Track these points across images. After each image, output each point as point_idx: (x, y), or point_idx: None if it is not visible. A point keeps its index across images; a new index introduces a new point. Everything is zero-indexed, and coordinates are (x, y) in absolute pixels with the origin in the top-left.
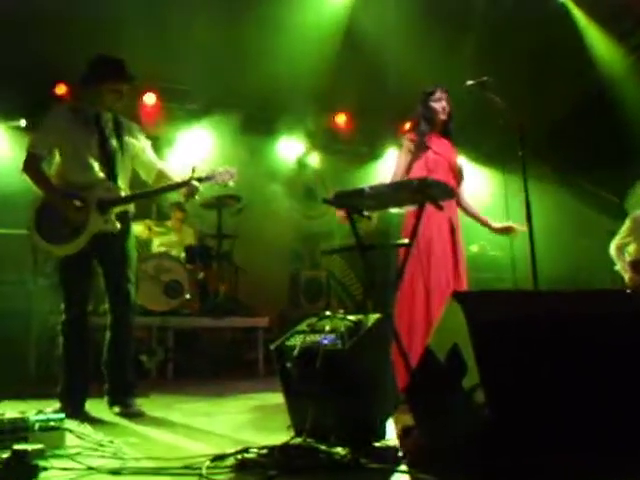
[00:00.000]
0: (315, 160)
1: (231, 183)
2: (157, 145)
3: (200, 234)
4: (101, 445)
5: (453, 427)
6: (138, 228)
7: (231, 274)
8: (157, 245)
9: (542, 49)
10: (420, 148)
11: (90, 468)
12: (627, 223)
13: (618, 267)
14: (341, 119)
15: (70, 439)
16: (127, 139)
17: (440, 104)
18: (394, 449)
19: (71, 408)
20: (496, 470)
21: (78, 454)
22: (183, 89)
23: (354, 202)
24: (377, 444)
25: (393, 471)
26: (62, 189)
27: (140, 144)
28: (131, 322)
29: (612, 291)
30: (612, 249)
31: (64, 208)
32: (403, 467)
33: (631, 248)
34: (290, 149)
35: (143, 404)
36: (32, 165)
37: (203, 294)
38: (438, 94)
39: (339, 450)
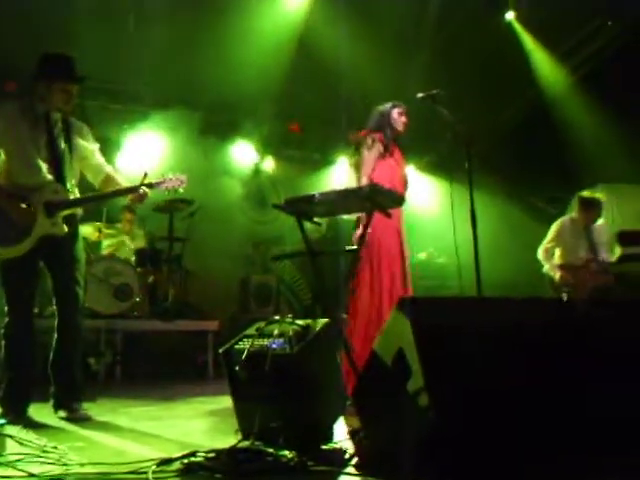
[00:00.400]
0: (269, 166)
1: (181, 190)
2: (110, 148)
3: (151, 237)
4: (44, 451)
5: (399, 429)
6: (88, 230)
7: (181, 278)
8: (106, 246)
9: (491, 67)
10: (386, 151)
11: (31, 475)
12: (553, 228)
13: (546, 268)
14: (294, 126)
15: (11, 445)
16: (76, 140)
17: (402, 118)
18: (341, 451)
19: (13, 413)
20: (441, 472)
21: (19, 461)
22: (137, 92)
23: (304, 208)
24: (324, 447)
25: (340, 473)
26: (8, 190)
27: (90, 146)
28: (79, 324)
29: (551, 299)
30: (539, 252)
31: (9, 209)
32: (350, 469)
33: (557, 252)
34: (243, 154)
35: (90, 408)
36: None
37: (153, 297)
38: (401, 109)
39: (286, 453)
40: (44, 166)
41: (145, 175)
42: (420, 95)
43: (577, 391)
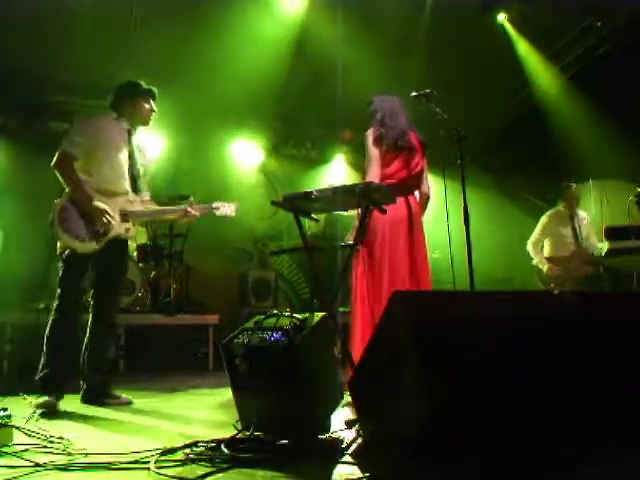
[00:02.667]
0: (268, 163)
1: (232, 215)
2: None
3: (152, 233)
4: (50, 441)
5: (394, 421)
6: None
7: (182, 273)
8: None
9: (484, 67)
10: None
11: (37, 465)
12: (541, 220)
13: (535, 261)
14: (293, 125)
15: (19, 436)
16: (143, 158)
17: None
18: (338, 441)
19: (55, 394)
20: (435, 464)
21: (26, 451)
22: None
23: (302, 204)
24: (322, 437)
25: (337, 463)
26: (90, 192)
27: (146, 167)
28: (115, 323)
29: (542, 292)
30: (529, 245)
31: (92, 211)
32: (346, 459)
33: (546, 244)
34: (243, 152)
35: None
36: (64, 163)
37: (155, 292)
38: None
39: (285, 443)
40: (125, 175)
41: (190, 199)
42: (414, 94)
43: (570, 383)
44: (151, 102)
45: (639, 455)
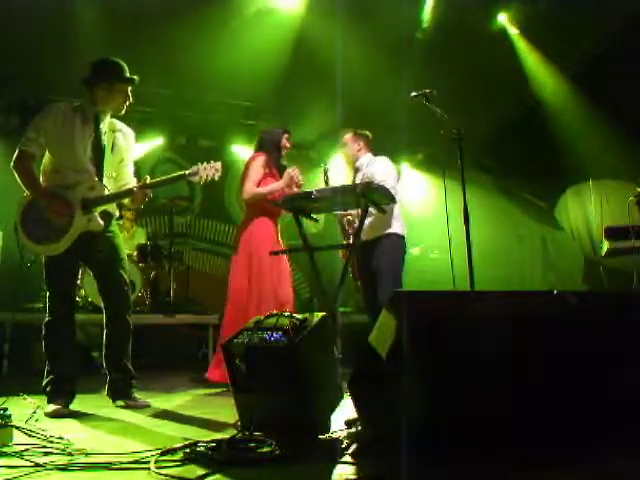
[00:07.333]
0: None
1: (216, 178)
2: None
3: (152, 233)
4: (50, 442)
5: (394, 420)
6: None
7: (182, 273)
8: None
9: (483, 68)
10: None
11: (37, 465)
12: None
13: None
14: (292, 125)
15: (19, 436)
16: (119, 143)
17: (290, 142)
18: (338, 442)
19: (62, 399)
20: (435, 463)
21: (26, 451)
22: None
23: (302, 204)
24: (322, 436)
25: (337, 463)
26: (48, 189)
27: (128, 153)
28: (128, 321)
29: (543, 292)
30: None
31: (48, 208)
32: (347, 459)
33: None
34: (243, 152)
35: (93, 400)
36: (21, 162)
37: (155, 292)
38: (287, 135)
39: (285, 443)
40: (87, 164)
41: (146, 179)
42: (413, 94)
43: (570, 383)
44: (129, 91)
45: (638, 455)
